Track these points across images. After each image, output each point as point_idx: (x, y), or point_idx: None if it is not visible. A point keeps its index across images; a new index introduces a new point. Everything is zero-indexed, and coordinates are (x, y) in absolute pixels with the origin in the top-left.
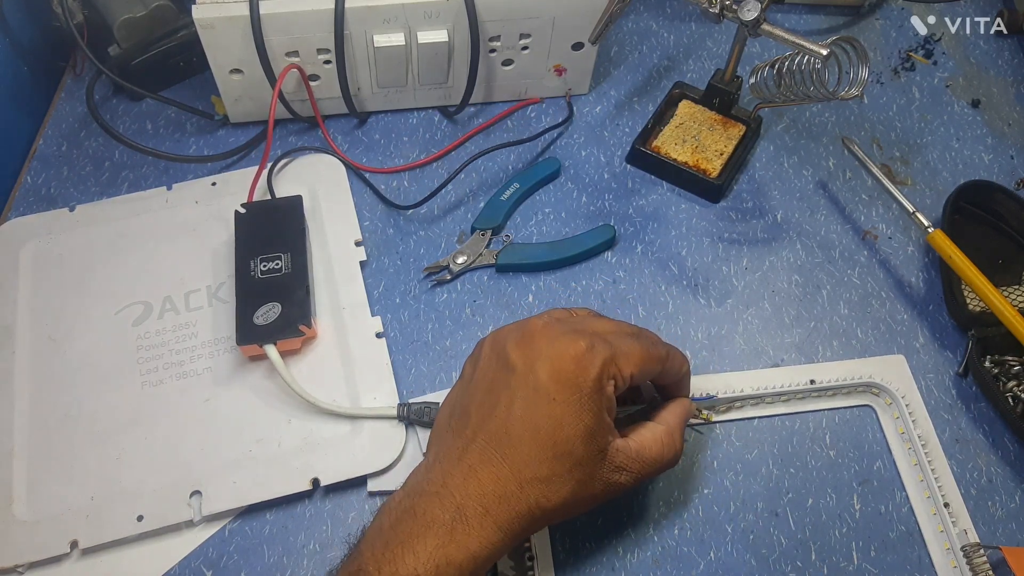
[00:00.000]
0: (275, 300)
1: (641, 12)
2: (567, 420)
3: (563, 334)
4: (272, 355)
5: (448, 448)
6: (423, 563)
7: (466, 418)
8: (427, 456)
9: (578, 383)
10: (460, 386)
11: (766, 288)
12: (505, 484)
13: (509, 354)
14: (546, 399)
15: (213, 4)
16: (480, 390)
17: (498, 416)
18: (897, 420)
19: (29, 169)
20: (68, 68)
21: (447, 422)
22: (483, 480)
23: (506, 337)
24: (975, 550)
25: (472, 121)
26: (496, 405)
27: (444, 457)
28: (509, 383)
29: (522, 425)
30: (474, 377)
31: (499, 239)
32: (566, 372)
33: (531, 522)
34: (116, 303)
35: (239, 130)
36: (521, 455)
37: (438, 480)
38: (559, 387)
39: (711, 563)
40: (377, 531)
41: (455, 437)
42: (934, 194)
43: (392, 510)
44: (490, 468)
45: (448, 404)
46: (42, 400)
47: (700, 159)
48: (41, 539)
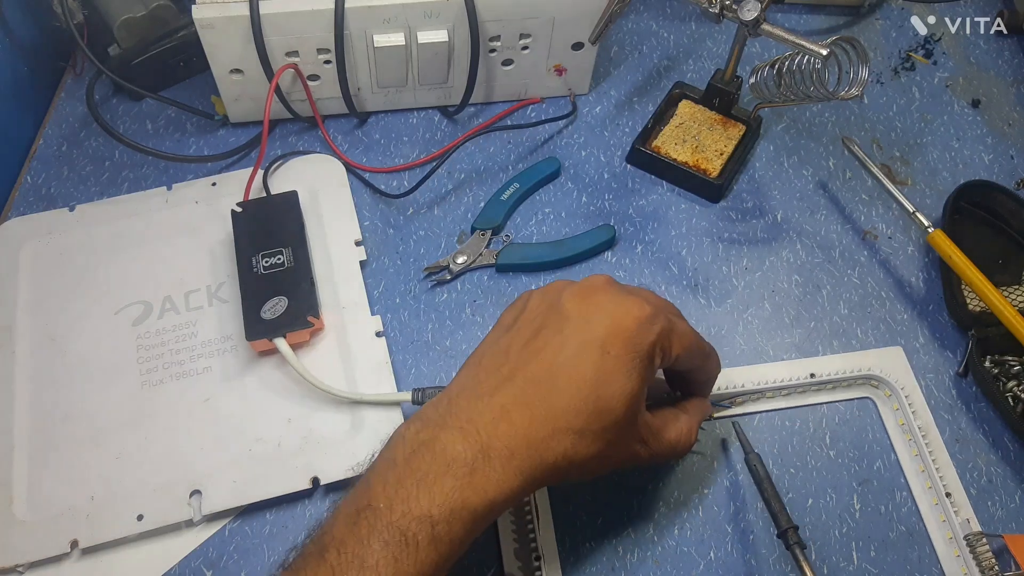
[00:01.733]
0: (281, 294)
1: (641, 12)
2: (615, 378)
3: (627, 295)
4: (283, 348)
5: (477, 383)
6: (438, 505)
7: (504, 357)
8: (449, 387)
9: (635, 344)
10: (496, 332)
11: (766, 288)
12: (538, 429)
13: (564, 303)
14: (599, 351)
15: (213, 4)
16: (524, 334)
17: (544, 359)
18: (897, 412)
19: (29, 169)
20: (68, 68)
21: (478, 360)
22: (515, 422)
23: (561, 289)
24: (978, 539)
25: (472, 121)
26: (543, 349)
27: (471, 391)
28: (561, 329)
29: (569, 372)
30: (516, 324)
31: (499, 239)
32: (627, 330)
33: (553, 472)
34: (116, 303)
35: (239, 130)
36: (561, 402)
37: (463, 414)
38: (616, 343)
39: (711, 563)
40: (389, 463)
41: (488, 374)
42: (934, 194)
43: (407, 441)
44: (525, 410)
45: (482, 346)
46: (42, 400)
47: (700, 159)
48: (41, 539)
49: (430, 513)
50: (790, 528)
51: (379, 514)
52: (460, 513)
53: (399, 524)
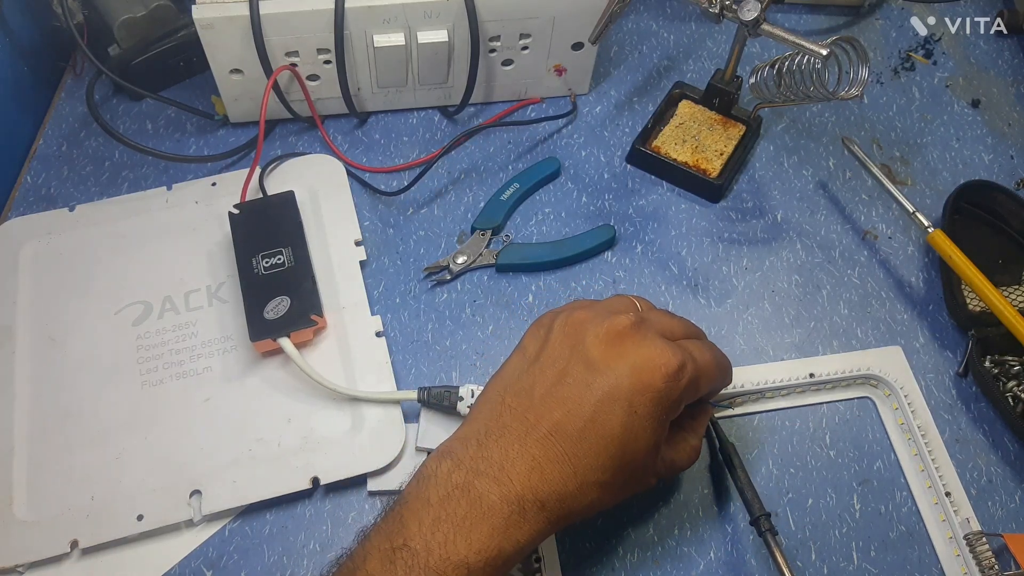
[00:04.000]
0: (283, 294)
1: (641, 12)
2: (642, 434)
3: (653, 342)
4: (287, 347)
5: (505, 428)
6: (475, 552)
7: (528, 400)
8: (473, 424)
9: (662, 401)
10: (519, 362)
11: (766, 288)
12: (566, 483)
13: (589, 348)
14: (626, 408)
15: (213, 4)
16: (548, 375)
17: (570, 413)
18: (897, 412)
19: (29, 169)
20: (68, 68)
21: (501, 397)
22: (547, 475)
23: (585, 326)
24: (978, 538)
25: (472, 121)
26: (568, 400)
27: (501, 437)
28: (589, 382)
29: (595, 429)
30: (540, 357)
31: (499, 239)
32: (654, 387)
33: (578, 517)
34: (116, 303)
35: (239, 130)
36: (588, 458)
37: (496, 462)
38: (643, 400)
39: (711, 563)
40: (424, 503)
41: (514, 418)
42: (934, 194)
43: (441, 482)
44: (555, 465)
45: (502, 377)
46: (42, 400)
47: (700, 159)
48: (41, 539)
49: (467, 560)
50: (762, 515)
51: (416, 556)
52: (495, 561)
53: (437, 568)
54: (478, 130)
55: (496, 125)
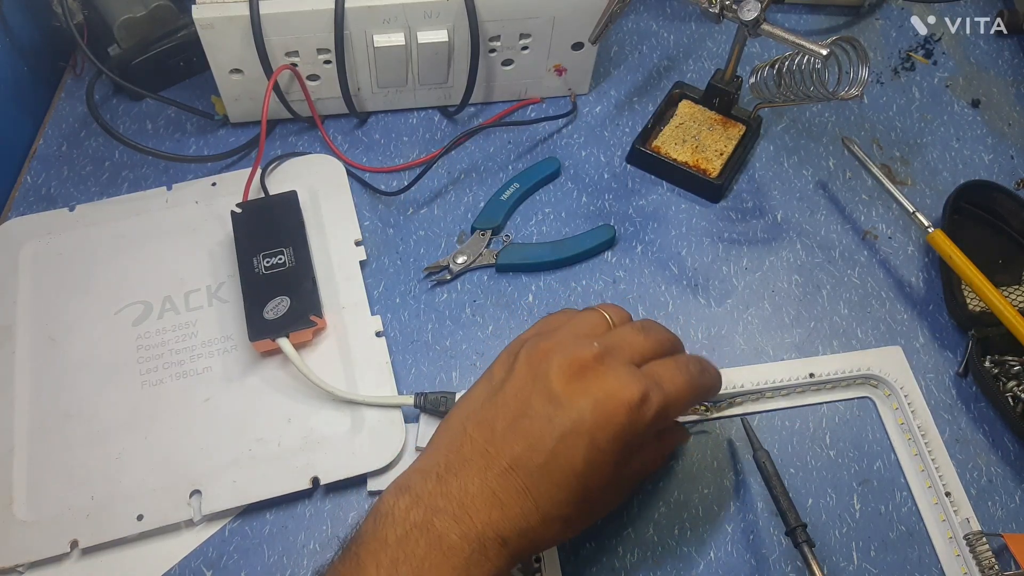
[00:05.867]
0: (283, 294)
1: (641, 12)
2: (604, 468)
3: (616, 373)
4: (286, 348)
5: (465, 461)
6: None
7: (490, 433)
8: (434, 454)
9: (625, 434)
10: (484, 390)
11: (766, 288)
12: (528, 518)
13: (552, 381)
14: (588, 443)
15: (213, 4)
16: (511, 407)
17: (532, 447)
18: (896, 411)
19: (29, 169)
20: (68, 68)
21: (463, 426)
22: (508, 511)
23: (549, 356)
24: (978, 538)
25: (472, 121)
26: (529, 434)
27: (461, 470)
28: (550, 416)
29: (557, 465)
30: (504, 387)
31: (499, 239)
32: (617, 423)
33: (543, 549)
34: (116, 303)
35: (239, 130)
36: (550, 493)
37: (455, 498)
38: (606, 436)
39: (711, 563)
40: (381, 543)
41: (475, 451)
42: (934, 194)
43: (398, 520)
44: (515, 500)
45: (466, 405)
46: (42, 400)
47: (700, 159)
48: (41, 539)
49: None
50: (799, 526)
51: None
52: None
53: None
54: (478, 130)
55: (496, 125)
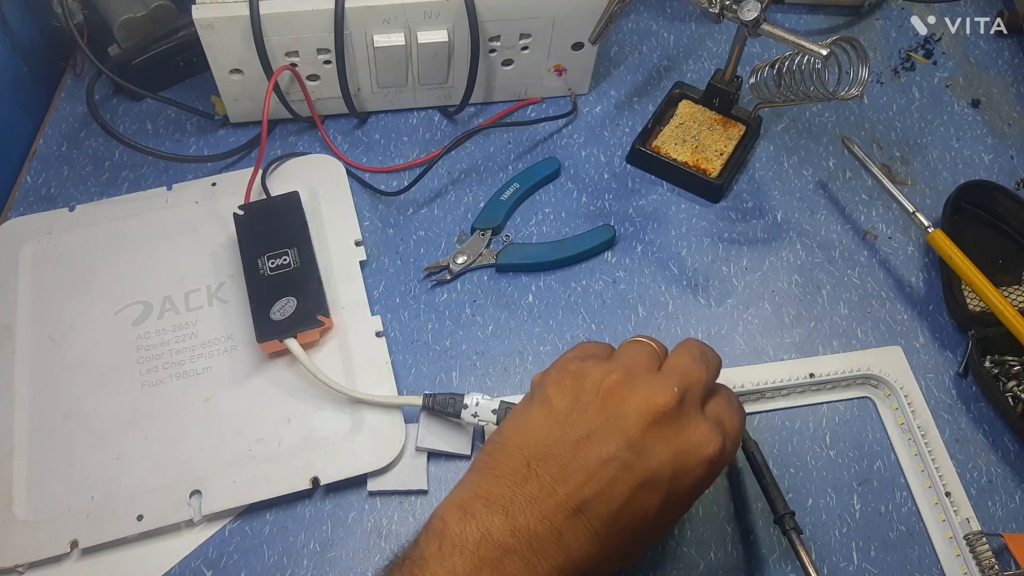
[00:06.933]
0: (289, 295)
1: (641, 12)
2: (675, 515)
3: (696, 425)
4: (294, 348)
5: (533, 500)
6: None
7: (559, 471)
8: (494, 484)
9: (702, 484)
10: (545, 419)
11: (766, 288)
12: (591, 561)
13: (631, 427)
14: (664, 495)
15: (213, 4)
16: (582, 447)
17: (604, 492)
18: (896, 411)
19: (29, 169)
20: (68, 68)
21: (526, 460)
22: (572, 555)
23: (625, 397)
24: (978, 538)
25: (472, 121)
26: (602, 478)
27: (528, 509)
28: (628, 464)
29: (630, 512)
30: (570, 421)
31: (499, 239)
32: (697, 476)
33: None
34: (116, 303)
35: (239, 130)
36: (619, 540)
37: (523, 538)
38: (683, 488)
39: (711, 563)
40: (449, 573)
41: (542, 490)
42: (934, 194)
43: (468, 551)
44: (583, 544)
45: (526, 432)
46: (42, 400)
47: (700, 159)
48: (41, 539)
49: None
50: (787, 513)
51: None
52: None
53: None
54: (478, 130)
55: (496, 125)
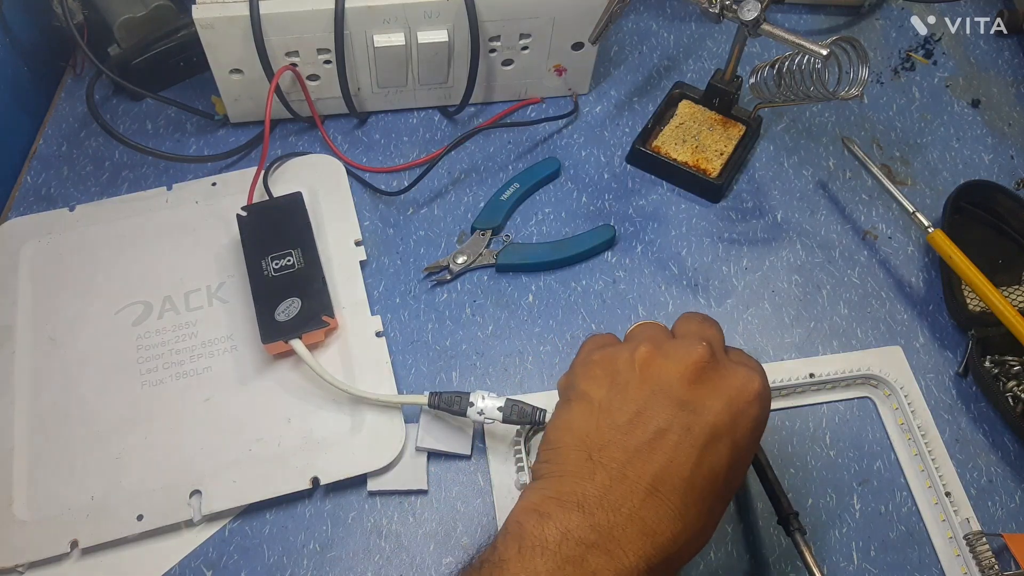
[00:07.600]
0: (294, 296)
1: (641, 12)
2: (744, 463)
3: (734, 369)
4: (299, 349)
5: (606, 491)
6: None
7: (621, 453)
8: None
9: (760, 424)
10: (587, 412)
11: (766, 288)
12: (677, 541)
13: (677, 389)
14: (730, 445)
15: (213, 4)
16: (637, 424)
17: (673, 461)
18: (896, 411)
19: (29, 169)
20: (68, 68)
21: (586, 453)
22: (656, 539)
23: (662, 365)
24: (978, 538)
25: (472, 121)
26: (667, 448)
27: (604, 500)
28: (688, 426)
29: (703, 473)
30: (615, 405)
31: (499, 239)
32: (752, 416)
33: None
34: (116, 303)
35: (239, 130)
36: (696, 506)
37: (604, 531)
38: (744, 432)
39: (711, 563)
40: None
41: (611, 478)
42: (934, 194)
43: (548, 551)
44: (666, 525)
45: (574, 430)
46: (42, 400)
47: (700, 159)
48: (41, 539)
49: None
50: (792, 514)
51: None
52: None
53: None
54: (478, 130)
55: (496, 125)
